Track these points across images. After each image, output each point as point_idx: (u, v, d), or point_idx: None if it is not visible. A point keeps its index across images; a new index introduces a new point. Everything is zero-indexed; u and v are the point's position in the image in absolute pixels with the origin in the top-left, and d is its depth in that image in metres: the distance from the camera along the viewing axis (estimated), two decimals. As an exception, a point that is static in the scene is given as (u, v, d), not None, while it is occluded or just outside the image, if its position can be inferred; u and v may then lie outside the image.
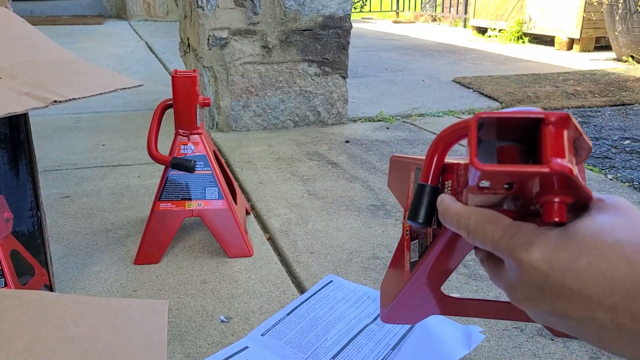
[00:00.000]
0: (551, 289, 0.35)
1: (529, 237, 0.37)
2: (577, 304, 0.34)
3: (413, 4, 7.59)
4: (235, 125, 2.07)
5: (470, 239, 0.40)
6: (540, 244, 0.36)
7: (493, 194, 0.38)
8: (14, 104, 0.63)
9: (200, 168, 1.07)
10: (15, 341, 0.50)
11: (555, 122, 0.36)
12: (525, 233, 0.37)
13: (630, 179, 1.61)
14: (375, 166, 1.65)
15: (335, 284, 0.98)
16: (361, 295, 0.95)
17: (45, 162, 1.68)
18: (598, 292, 0.33)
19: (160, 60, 3.71)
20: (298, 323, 0.87)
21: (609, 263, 0.33)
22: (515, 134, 0.38)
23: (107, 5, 7.31)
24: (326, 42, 2.06)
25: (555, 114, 0.36)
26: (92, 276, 1.04)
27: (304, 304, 0.92)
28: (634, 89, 2.81)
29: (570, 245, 0.35)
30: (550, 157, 0.35)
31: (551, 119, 0.36)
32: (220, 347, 0.83)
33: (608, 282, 0.33)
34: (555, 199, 0.37)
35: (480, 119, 0.37)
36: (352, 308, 0.91)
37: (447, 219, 0.42)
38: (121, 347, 0.54)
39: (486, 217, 0.39)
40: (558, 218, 0.36)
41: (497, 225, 0.39)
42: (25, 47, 0.77)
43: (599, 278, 0.33)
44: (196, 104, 1.06)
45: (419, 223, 0.46)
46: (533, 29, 4.70)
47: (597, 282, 0.33)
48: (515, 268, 0.37)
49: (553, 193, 0.36)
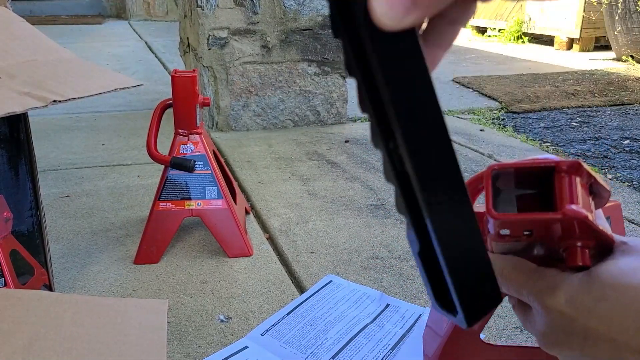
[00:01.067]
0: (578, 332, 0.36)
1: (553, 281, 0.37)
2: (604, 346, 0.35)
3: (413, 3, 7.58)
4: (235, 125, 2.07)
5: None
6: (564, 288, 0.36)
7: (516, 241, 0.39)
8: (13, 103, 0.63)
9: (200, 168, 1.07)
10: (14, 341, 0.50)
11: (566, 170, 0.37)
12: (549, 278, 0.38)
13: (630, 179, 1.61)
14: (375, 166, 1.65)
15: (335, 284, 0.98)
16: (361, 295, 0.95)
17: (44, 161, 1.68)
18: (624, 334, 0.34)
19: (159, 60, 3.71)
20: (298, 323, 0.87)
21: (632, 305, 0.33)
22: (533, 182, 0.39)
23: (107, 5, 7.31)
24: (326, 41, 2.06)
25: (567, 161, 0.37)
26: (91, 276, 1.03)
27: (303, 303, 0.92)
28: (633, 89, 2.81)
29: (593, 288, 0.35)
30: (564, 204, 0.36)
31: (563, 167, 0.37)
32: (220, 347, 0.83)
33: (632, 324, 0.33)
34: (577, 244, 0.37)
35: (494, 170, 0.38)
36: (351, 308, 0.91)
37: None
38: (121, 347, 0.54)
39: (511, 263, 0.40)
40: (581, 262, 0.37)
41: (522, 271, 0.39)
42: (24, 47, 0.77)
43: (623, 320, 0.34)
44: (196, 104, 1.06)
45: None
46: (533, 29, 4.70)
47: (621, 324, 0.34)
48: (541, 313, 0.38)
49: (575, 238, 0.37)
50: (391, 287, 1.00)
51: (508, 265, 0.40)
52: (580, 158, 1.82)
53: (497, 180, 0.39)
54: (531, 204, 0.39)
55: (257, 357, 0.80)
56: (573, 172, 0.38)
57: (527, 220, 0.37)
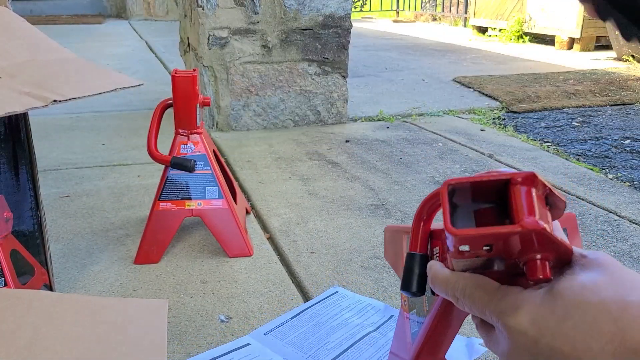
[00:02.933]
0: (542, 352, 0.35)
1: (515, 301, 0.37)
2: None
3: (413, 3, 7.58)
4: (235, 124, 2.07)
5: (460, 305, 0.41)
6: (527, 307, 0.36)
7: (476, 257, 0.39)
8: (13, 103, 0.63)
9: (200, 167, 1.07)
10: (15, 341, 0.50)
11: (522, 182, 0.37)
12: (511, 297, 0.37)
13: (631, 179, 1.61)
14: (375, 166, 1.65)
15: (340, 295, 0.98)
16: (365, 305, 0.94)
17: (45, 161, 1.68)
18: (587, 353, 0.33)
19: (160, 60, 3.71)
20: (301, 327, 0.87)
21: (595, 323, 0.33)
22: (490, 196, 0.39)
23: (107, 4, 7.31)
24: (326, 41, 2.06)
25: (521, 173, 0.37)
26: (92, 276, 1.03)
27: (308, 309, 0.92)
28: (634, 89, 2.81)
29: (556, 307, 0.35)
30: (521, 216, 0.36)
31: (517, 179, 0.37)
32: (220, 347, 0.83)
33: (596, 343, 0.33)
34: (537, 256, 0.37)
35: (450, 185, 0.38)
36: (355, 316, 0.91)
37: (436, 285, 0.43)
38: (121, 347, 0.54)
39: (473, 282, 0.40)
40: (542, 275, 0.37)
41: (484, 290, 0.39)
42: (25, 47, 0.77)
43: (587, 339, 0.33)
44: (196, 104, 1.05)
45: (412, 293, 0.47)
46: (533, 29, 4.70)
47: (585, 343, 0.33)
48: (505, 334, 0.37)
49: (534, 251, 0.37)
50: (391, 287, 1.00)
51: (470, 285, 0.40)
52: (581, 157, 1.82)
53: (453, 196, 0.39)
54: (489, 218, 0.39)
55: (258, 354, 0.80)
56: (528, 183, 0.37)
57: (485, 234, 0.37)
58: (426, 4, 7.39)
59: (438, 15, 7.05)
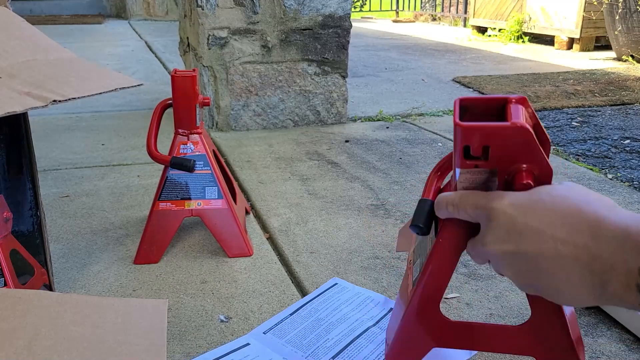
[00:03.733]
0: (515, 229, 0.45)
1: (500, 193, 0.48)
2: (535, 238, 0.43)
3: (413, 3, 7.58)
4: (235, 124, 2.07)
5: (456, 211, 0.51)
6: (509, 196, 0.47)
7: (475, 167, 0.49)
8: (13, 103, 0.63)
9: (200, 167, 1.07)
10: (15, 341, 0.50)
11: (515, 101, 0.50)
12: (499, 192, 0.48)
13: (630, 179, 1.61)
14: (375, 166, 1.65)
15: (339, 287, 0.98)
16: (365, 298, 0.95)
17: (44, 161, 1.68)
18: (551, 226, 0.43)
19: (159, 60, 3.71)
20: (300, 323, 0.87)
21: (561, 205, 0.44)
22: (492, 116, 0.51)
23: (107, 4, 7.31)
24: (326, 41, 2.06)
25: (516, 96, 0.50)
26: (91, 276, 1.03)
27: (307, 304, 0.92)
28: (634, 89, 2.81)
29: (532, 194, 0.46)
30: (512, 119, 0.47)
31: (512, 99, 0.50)
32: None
33: (559, 219, 0.43)
34: (523, 167, 0.47)
35: (460, 100, 0.52)
36: (354, 311, 0.91)
37: (440, 204, 0.52)
38: (121, 347, 0.54)
39: (469, 192, 0.51)
40: (526, 180, 0.47)
41: (477, 194, 0.50)
42: (24, 47, 0.77)
43: (552, 215, 0.43)
44: (196, 104, 1.06)
45: (419, 227, 0.54)
46: (533, 29, 4.70)
47: (550, 218, 0.43)
48: (487, 217, 0.47)
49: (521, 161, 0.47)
50: (391, 287, 1.00)
51: (466, 193, 0.50)
52: (581, 157, 1.82)
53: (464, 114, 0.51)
54: None
55: (258, 354, 0.80)
56: (520, 103, 0.50)
57: (483, 127, 0.47)
58: (426, 4, 7.39)
59: (438, 15, 7.05)
